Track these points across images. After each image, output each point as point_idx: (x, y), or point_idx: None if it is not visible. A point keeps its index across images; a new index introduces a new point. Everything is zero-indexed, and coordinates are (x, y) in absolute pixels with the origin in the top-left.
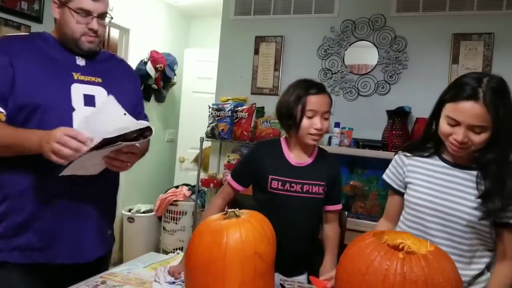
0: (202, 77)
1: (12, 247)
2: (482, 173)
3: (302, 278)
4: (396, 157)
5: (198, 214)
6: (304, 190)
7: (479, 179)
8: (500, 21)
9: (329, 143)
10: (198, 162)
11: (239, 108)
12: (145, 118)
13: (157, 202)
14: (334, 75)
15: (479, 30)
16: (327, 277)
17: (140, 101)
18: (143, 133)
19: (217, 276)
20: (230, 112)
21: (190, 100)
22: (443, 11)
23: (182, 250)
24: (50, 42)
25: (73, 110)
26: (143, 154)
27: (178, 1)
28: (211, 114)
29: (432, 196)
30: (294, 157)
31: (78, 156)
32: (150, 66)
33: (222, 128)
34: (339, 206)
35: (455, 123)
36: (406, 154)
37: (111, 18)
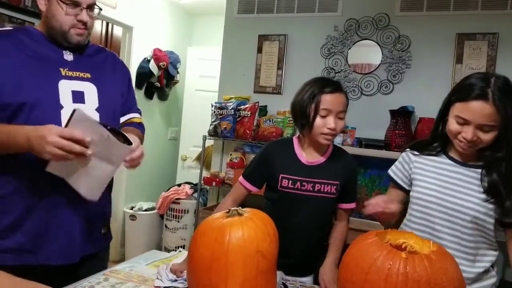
0: (205, 75)
1: (2, 250)
2: (486, 170)
3: (308, 280)
4: (403, 154)
5: (200, 212)
6: (315, 189)
7: (483, 176)
8: (504, 21)
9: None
10: (201, 160)
11: (242, 106)
12: (137, 111)
13: (159, 200)
14: (337, 74)
15: (483, 30)
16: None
17: (131, 95)
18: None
19: (219, 274)
20: (232, 110)
21: (193, 98)
22: (447, 11)
23: (184, 248)
24: (35, 36)
25: (61, 107)
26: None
27: None
28: (214, 112)
29: (438, 192)
30: (306, 156)
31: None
32: (153, 64)
33: (224, 126)
34: (353, 205)
35: (464, 122)
36: (414, 152)
37: (100, 9)
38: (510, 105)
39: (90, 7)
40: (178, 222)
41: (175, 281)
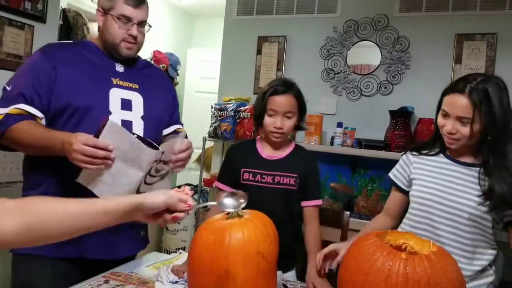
0: (205, 77)
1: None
2: (483, 169)
3: (291, 275)
4: (403, 156)
5: (201, 214)
6: (275, 181)
7: (482, 175)
8: (503, 21)
9: (331, 143)
10: (201, 162)
11: (242, 108)
12: (181, 124)
13: None
14: (336, 75)
15: (482, 30)
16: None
17: (176, 109)
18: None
19: (219, 276)
20: (232, 112)
21: (192, 100)
22: (446, 11)
23: (184, 250)
24: (92, 49)
25: (109, 113)
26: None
27: (181, 1)
28: (214, 114)
29: (437, 190)
30: (267, 151)
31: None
32: None
33: (224, 128)
34: (317, 202)
35: (446, 115)
36: (413, 153)
37: (150, 26)
38: (487, 103)
39: (141, 24)
40: (179, 223)
41: (176, 282)
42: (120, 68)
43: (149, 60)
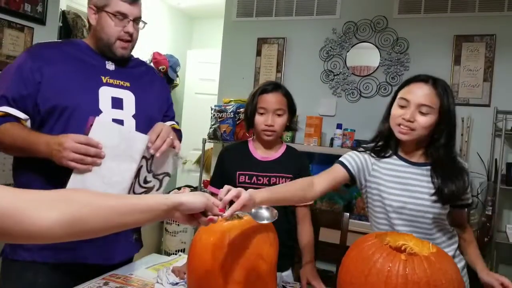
0: (205, 78)
1: (41, 247)
2: (433, 168)
3: (288, 274)
4: (360, 154)
5: None
6: (271, 183)
7: (432, 173)
8: (501, 22)
9: (331, 145)
10: (201, 164)
11: (242, 109)
12: (175, 121)
13: None
14: (336, 77)
15: (481, 31)
16: None
17: (171, 107)
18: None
19: (219, 277)
20: (232, 113)
21: (192, 101)
22: (445, 13)
23: (184, 252)
24: (82, 47)
25: (100, 112)
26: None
27: (181, 2)
28: (214, 115)
29: (397, 195)
30: (261, 153)
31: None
32: None
33: (224, 129)
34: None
35: (405, 104)
36: (372, 155)
37: (145, 23)
38: (447, 96)
39: (136, 20)
40: (178, 225)
41: (176, 284)
42: (111, 66)
43: (148, 61)
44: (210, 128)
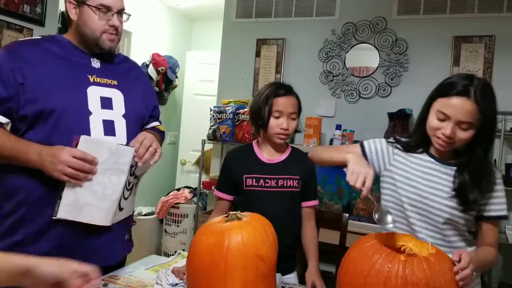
0: (204, 79)
1: (30, 254)
2: (459, 168)
3: (293, 277)
4: (385, 143)
5: (200, 217)
6: (279, 185)
7: (456, 173)
8: (500, 23)
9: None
10: (200, 165)
11: (241, 110)
12: (159, 122)
13: (158, 205)
14: (335, 78)
15: (480, 32)
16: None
17: (157, 106)
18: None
19: (218, 278)
20: (231, 114)
21: (191, 102)
22: (444, 14)
23: (184, 251)
24: (63, 44)
25: (90, 113)
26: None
27: (180, 4)
28: (213, 116)
29: (415, 187)
30: (267, 155)
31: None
32: (152, 69)
33: (223, 130)
34: (315, 202)
35: (444, 118)
36: (398, 146)
37: (129, 15)
38: (489, 105)
39: (120, 13)
40: (178, 226)
41: (176, 285)
42: (96, 64)
43: (147, 62)
44: (210, 129)
